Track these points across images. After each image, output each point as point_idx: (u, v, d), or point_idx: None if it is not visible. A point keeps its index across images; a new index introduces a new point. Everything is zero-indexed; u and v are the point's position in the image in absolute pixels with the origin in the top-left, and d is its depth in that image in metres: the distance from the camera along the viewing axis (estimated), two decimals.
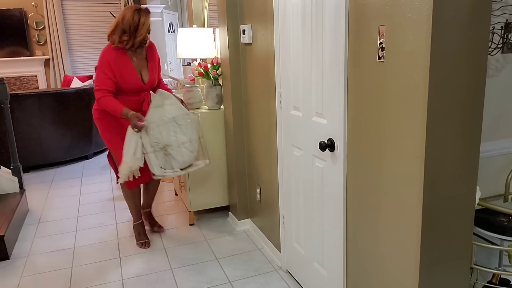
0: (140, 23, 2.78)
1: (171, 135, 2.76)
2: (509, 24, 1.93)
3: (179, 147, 2.79)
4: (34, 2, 7.54)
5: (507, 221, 1.97)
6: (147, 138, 2.73)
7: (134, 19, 2.77)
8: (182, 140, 2.79)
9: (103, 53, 2.79)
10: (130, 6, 2.84)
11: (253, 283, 2.59)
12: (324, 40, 1.92)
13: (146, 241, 3.11)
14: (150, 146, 2.73)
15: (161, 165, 2.77)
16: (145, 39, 2.83)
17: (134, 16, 2.77)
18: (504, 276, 2.01)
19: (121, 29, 2.76)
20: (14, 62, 7.52)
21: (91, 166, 5.25)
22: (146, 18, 2.80)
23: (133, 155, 2.72)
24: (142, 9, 2.82)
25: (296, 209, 2.45)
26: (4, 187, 3.77)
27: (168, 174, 2.79)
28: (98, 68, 2.77)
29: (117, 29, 2.77)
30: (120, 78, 2.80)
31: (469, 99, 1.43)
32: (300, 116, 2.25)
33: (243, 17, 2.92)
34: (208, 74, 3.32)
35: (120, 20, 2.78)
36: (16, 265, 2.92)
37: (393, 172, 1.57)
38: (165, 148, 2.76)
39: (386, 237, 1.66)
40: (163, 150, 2.76)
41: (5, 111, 3.79)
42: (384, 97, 1.57)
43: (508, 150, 2.13)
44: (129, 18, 2.76)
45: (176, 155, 2.78)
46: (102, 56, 2.78)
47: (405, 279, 1.58)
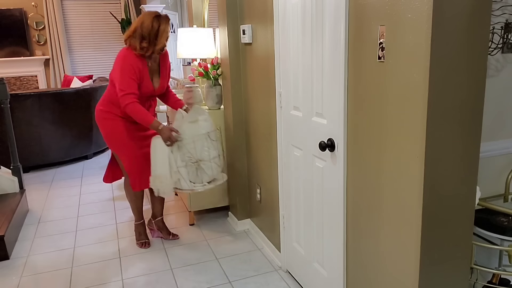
0: (160, 31, 2.72)
1: (204, 150, 2.82)
2: (509, 24, 1.93)
3: (210, 161, 2.86)
4: (34, 2, 7.54)
5: (507, 221, 1.97)
6: (178, 153, 2.75)
7: (153, 26, 2.71)
8: (213, 154, 2.87)
9: (125, 58, 2.70)
10: (149, 12, 2.78)
11: (253, 283, 2.59)
12: (324, 40, 1.92)
13: (146, 241, 3.10)
14: (181, 161, 2.76)
15: (191, 179, 2.81)
16: (163, 47, 2.79)
17: (154, 23, 2.71)
18: (504, 276, 2.01)
19: (140, 35, 2.70)
20: (14, 62, 7.51)
21: (91, 166, 5.25)
22: (166, 26, 2.74)
23: (169, 169, 2.74)
24: (162, 16, 2.76)
25: (296, 209, 2.45)
26: (4, 187, 3.77)
27: (197, 188, 2.82)
28: (121, 72, 2.67)
29: (136, 34, 2.71)
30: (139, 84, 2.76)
31: (469, 99, 1.43)
32: (300, 116, 2.25)
33: (243, 17, 2.92)
34: (208, 74, 3.32)
35: (138, 25, 2.71)
36: (16, 265, 2.92)
37: (393, 172, 1.57)
38: (198, 162, 2.81)
39: (386, 237, 1.66)
40: (196, 165, 2.81)
41: (5, 111, 3.79)
42: (384, 97, 1.57)
43: (508, 150, 2.13)
44: (148, 24, 2.70)
45: (207, 170, 2.85)
46: (124, 60, 2.69)
47: (405, 279, 1.58)
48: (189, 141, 2.76)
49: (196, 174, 2.83)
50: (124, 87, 2.66)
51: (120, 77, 2.66)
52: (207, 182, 2.88)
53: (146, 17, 2.73)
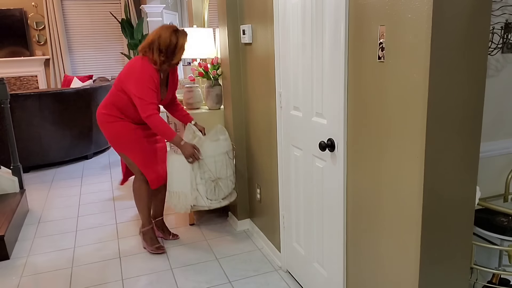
0: (178, 46, 2.71)
1: (223, 168, 2.87)
2: (509, 24, 1.93)
3: (227, 179, 2.92)
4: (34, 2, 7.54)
5: (507, 221, 1.97)
6: (198, 170, 2.77)
7: (171, 41, 2.68)
8: (229, 172, 2.94)
9: (144, 68, 2.67)
10: (166, 26, 2.75)
11: (253, 283, 2.59)
12: (324, 40, 1.92)
13: (160, 245, 3.01)
14: (200, 178, 2.79)
15: (208, 196, 2.84)
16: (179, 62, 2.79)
17: (172, 37, 2.69)
18: (504, 276, 2.01)
19: (157, 48, 2.68)
20: (14, 62, 7.52)
21: (91, 166, 5.25)
22: (184, 41, 2.73)
23: (190, 186, 2.77)
24: (180, 31, 2.74)
25: (296, 209, 2.45)
26: (4, 187, 3.77)
27: (213, 205, 2.87)
28: (141, 82, 2.64)
29: (152, 46, 2.69)
30: None
31: (469, 99, 1.43)
32: (300, 116, 2.25)
33: (243, 17, 2.92)
34: (208, 74, 3.32)
35: (156, 38, 2.69)
36: (16, 265, 2.92)
37: (393, 172, 1.57)
38: (217, 180, 2.86)
39: (386, 237, 1.66)
40: (214, 183, 2.85)
41: (5, 111, 3.79)
42: (384, 97, 1.57)
43: (508, 150, 2.13)
44: (166, 38, 2.68)
45: (224, 187, 2.91)
46: (144, 71, 2.66)
47: (405, 279, 1.58)
48: (211, 160, 2.80)
49: (214, 191, 2.87)
50: (145, 97, 2.63)
51: (140, 87, 2.64)
52: (221, 198, 2.93)
53: (164, 31, 2.70)
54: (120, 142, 2.84)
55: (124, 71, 2.75)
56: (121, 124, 2.81)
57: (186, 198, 2.79)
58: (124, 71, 2.76)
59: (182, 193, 2.79)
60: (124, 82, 2.73)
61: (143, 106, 2.64)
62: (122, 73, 2.76)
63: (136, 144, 2.84)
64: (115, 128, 2.81)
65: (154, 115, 2.65)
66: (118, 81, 2.78)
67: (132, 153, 2.85)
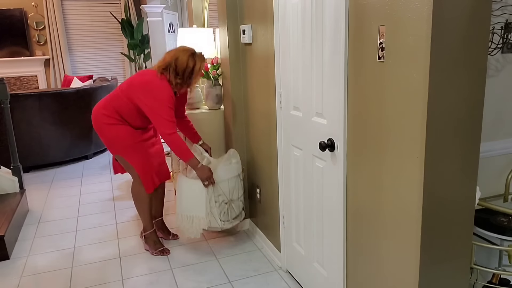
0: (195, 70, 2.72)
1: (235, 190, 2.91)
2: (509, 24, 1.93)
3: (238, 200, 2.96)
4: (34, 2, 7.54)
5: (507, 221, 1.97)
6: (212, 193, 2.80)
7: (188, 65, 2.69)
8: (240, 193, 2.98)
9: (164, 88, 2.65)
10: (184, 48, 2.74)
11: (253, 283, 2.59)
12: (324, 40, 1.92)
13: (164, 248, 3.00)
14: (214, 202, 2.82)
15: (222, 218, 2.87)
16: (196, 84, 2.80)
17: (189, 61, 2.69)
18: (504, 276, 2.01)
19: (174, 71, 2.68)
20: (14, 62, 7.52)
21: (91, 166, 5.25)
22: (202, 65, 2.74)
23: (205, 210, 2.79)
24: (198, 54, 2.74)
25: (296, 209, 2.45)
26: (4, 187, 3.77)
27: (225, 225, 2.90)
28: (161, 101, 2.62)
29: (169, 68, 2.68)
30: None
31: (469, 99, 1.43)
32: (300, 116, 2.25)
33: (243, 17, 2.92)
34: (208, 74, 3.32)
35: (172, 60, 2.68)
36: (16, 265, 2.92)
37: (393, 172, 1.57)
38: (229, 202, 2.89)
39: (386, 237, 1.66)
40: (227, 205, 2.88)
41: (5, 111, 3.79)
42: (384, 97, 1.57)
43: (508, 150, 2.13)
44: (183, 62, 2.68)
45: (236, 208, 2.94)
46: (164, 91, 2.64)
47: (405, 279, 1.58)
48: (225, 183, 2.83)
49: (227, 213, 2.90)
50: (165, 116, 2.62)
51: (160, 105, 2.62)
52: (232, 218, 2.95)
53: (182, 54, 2.70)
54: (119, 145, 2.79)
55: (139, 84, 2.68)
56: (120, 127, 2.77)
57: (200, 222, 2.80)
58: (138, 84, 2.69)
59: (196, 217, 2.80)
60: (137, 95, 2.67)
61: (164, 124, 2.62)
62: (136, 84, 2.70)
63: (136, 148, 2.81)
64: (114, 131, 2.76)
65: (175, 134, 2.64)
66: (128, 90, 2.72)
67: (131, 157, 2.82)
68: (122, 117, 2.77)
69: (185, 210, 2.82)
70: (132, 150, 2.80)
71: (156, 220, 3.18)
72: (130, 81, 2.75)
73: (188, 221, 2.82)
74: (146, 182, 2.88)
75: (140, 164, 2.83)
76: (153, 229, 3.03)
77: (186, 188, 2.80)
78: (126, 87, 2.74)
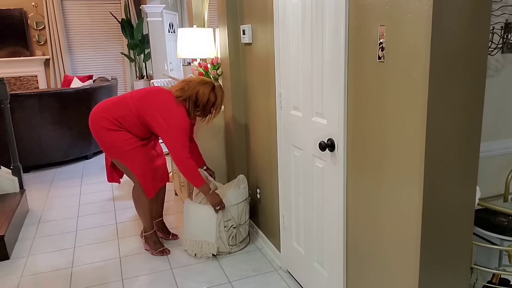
0: (216, 104, 2.76)
1: (243, 214, 2.95)
2: (509, 24, 1.93)
3: (245, 224, 3.00)
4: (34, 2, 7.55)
5: (507, 221, 1.97)
6: (222, 218, 2.83)
7: (210, 99, 2.72)
8: (247, 218, 3.01)
9: (182, 116, 2.66)
10: (203, 81, 2.75)
11: (253, 283, 2.59)
12: (324, 40, 1.92)
13: (164, 248, 2.99)
14: (224, 226, 2.85)
15: (230, 242, 2.91)
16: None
17: (211, 96, 2.72)
18: (504, 276, 2.01)
19: (194, 103, 2.71)
20: (14, 62, 7.52)
21: (91, 166, 5.25)
22: (222, 99, 2.79)
23: (218, 236, 2.83)
24: (217, 88, 2.77)
25: (296, 209, 2.45)
26: (4, 187, 3.77)
27: (233, 249, 2.95)
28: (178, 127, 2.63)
29: (189, 100, 2.70)
30: None
31: (469, 99, 1.43)
32: (300, 116, 2.25)
33: (243, 17, 2.92)
34: (208, 74, 3.32)
35: (193, 93, 2.69)
36: (16, 265, 2.92)
37: (393, 172, 1.57)
38: (238, 227, 2.93)
39: (386, 237, 1.66)
40: (236, 229, 2.92)
41: (5, 111, 3.79)
42: (384, 97, 1.57)
43: (508, 150, 2.13)
44: (204, 96, 2.70)
45: (243, 232, 2.99)
46: (182, 118, 2.65)
47: (405, 279, 1.58)
48: (234, 208, 2.87)
49: (235, 237, 2.94)
50: (181, 140, 2.63)
51: (178, 131, 2.63)
52: (239, 242, 2.99)
53: (203, 88, 2.71)
54: (118, 151, 2.74)
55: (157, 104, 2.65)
56: (120, 134, 2.72)
57: (209, 247, 2.84)
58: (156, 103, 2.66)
59: (206, 242, 2.84)
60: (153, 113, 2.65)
61: (180, 149, 2.63)
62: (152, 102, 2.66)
63: (135, 153, 2.76)
64: (113, 136, 2.71)
65: (189, 159, 2.65)
66: (141, 104, 2.68)
67: (130, 163, 2.77)
68: (122, 124, 2.72)
69: (194, 236, 2.85)
70: (131, 155, 2.75)
71: (156, 221, 3.18)
72: (144, 95, 2.70)
73: (197, 246, 2.87)
74: (147, 187, 2.85)
75: (140, 170, 2.80)
76: (153, 230, 3.03)
77: (195, 213, 2.82)
78: (138, 99, 2.70)
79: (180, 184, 3.68)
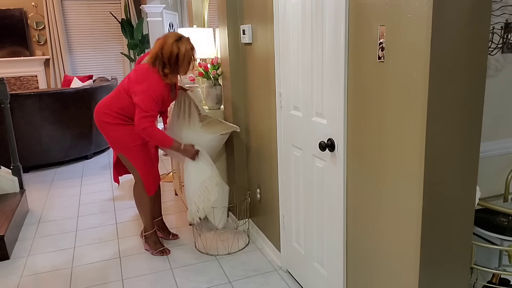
0: (180, 56, 2.61)
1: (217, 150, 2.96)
2: (509, 24, 1.93)
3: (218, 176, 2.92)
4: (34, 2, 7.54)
5: (507, 221, 1.97)
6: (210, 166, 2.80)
7: (173, 51, 2.59)
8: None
9: (153, 80, 2.60)
10: (169, 35, 2.63)
11: (253, 283, 2.59)
12: (324, 40, 1.92)
13: (164, 248, 2.99)
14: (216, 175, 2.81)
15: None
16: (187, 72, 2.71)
17: (173, 48, 2.59)
18: (504, 276, 2.01)
19: (161, 61, 2.61)
20: (14, 62, 7.51)
21: (91, 166, 5.25)
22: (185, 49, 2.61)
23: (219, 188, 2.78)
24: (183, 39, 2.64)
25: (296, 209, 2.45)
26: (4, 187, 3.77)
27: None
28: (147, 94, 2.57)
29: (157, 59, 2.62)
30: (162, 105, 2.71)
31: (469, 99, 1.43)
32: (300, 116, 2.25)
33: (243, 17, 2.92)
34: (208, 74, 3.32)
35: (159, 50, 2.61)
36: (16, 265, 2.92)
37: (393, 172, 1.57)
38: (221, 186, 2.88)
39: (386, 237, 1.66)
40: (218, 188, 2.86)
41: (5, 111, 3.79)
42: (384, 97, 1.57)
43: (508, 150, 2.13)
44: (167, 50, 2.59)
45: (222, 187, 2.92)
46: (152, 83, 2.59)
47: (405, 279, 1.58)
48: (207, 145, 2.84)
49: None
50: (147, 109, 2.57)
51: (145, 98, 2.57)
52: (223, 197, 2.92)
53: (166, 41, 2.62)
54: (123, 146, 2.77)
55: (134, 77, 2.67)
56: (124, 128, 2.74)
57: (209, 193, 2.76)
58: (133, 77, 2.67)
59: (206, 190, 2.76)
60: (131, 87, 2.66)
61: (142, 118, 2.58)
62: (132, 78, 2.68)
63: (140, 150, 2.79)
64: (118, 131, 2.74)
65: (149, 127, 2.58)
66: (126, 85, 2.71)
67: (134, 158, 2.80)
68: (125, 116, 2.75)
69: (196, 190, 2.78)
70: (136, 151, 2.79)
71: (156, 220, 3.18)
72: (128, 76, 2.74)
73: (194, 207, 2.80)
74: (148, 184, 2.87)
75: (143, 167, 2.82)
76: (154, 229, 3.03)
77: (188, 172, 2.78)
78: (127, 83, 2.73)
79: (180, 184, 3.68)
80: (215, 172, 2.80)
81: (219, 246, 3.02)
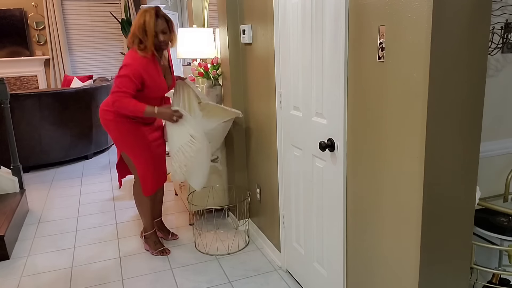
0: (146, 25, 2.56)
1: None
2: (509, 24, 1.93)
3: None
4: (34, 2, 7.54)
5: (507, 221, 1.97)
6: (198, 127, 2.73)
7: (140, 22, 2.57)
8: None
9: (136, 63, 2.58)
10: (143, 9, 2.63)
11: (253, 283, 2.59)
12: (324, 40, 1.92)
13: (164, 248, 2.98)
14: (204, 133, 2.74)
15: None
16: (161, 41, 2.62)
17: (139, 19, 2.58)
18: (504, 276, 2.01)
19: (137, 37, 2.59)
20: (14, 62, 7.51)
21: (91, 166, 5.25)
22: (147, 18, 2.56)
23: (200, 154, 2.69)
24: (149, 9, 2.60)
25: (296, 209, 2.45)
26: (4, 187, 3.77)
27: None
28: (126, 75, 2.55)
29: (133, 37, 2.61)
30: (152, 87, 2.66)
31: (469, 99, 1.43)
32: (300, 116, 2.25)
33: (243, 17, 2.92)
34: (208, 74, 3.32)
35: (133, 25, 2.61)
36: (16, 265, 2.92)
37: (393, 172, 1.57)
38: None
39: (386, 237, 1.66)
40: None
41: (5, 111, 3.79)
42: (384, 97, 1.57)
43: (508, 150, 2.13)
44: (136, 22, 2.58)
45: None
46: (134, 66, 2.57)
47: (405, 279, 1.58)
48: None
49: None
50: (119, 85, 2.55)
51: (122, 76, 2.56)
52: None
53: (137, 15, 2.63)
54: (126, 143, 2.77)
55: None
56: (127, 125, 2.73)
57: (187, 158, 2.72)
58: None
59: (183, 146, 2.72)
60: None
61: (113, 93, 2.56)
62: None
63: (143, 149, 2.78)
64: (121, 129, 2.74)
65: (117, 100, 2.55)
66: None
67: (136, 157, 2.79)
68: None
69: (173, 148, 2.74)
70: (138, 150, 2.78)
71: (156, 220, 3.18)
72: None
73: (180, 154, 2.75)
74: (145, 185, 2.86)
75: (142, 166, 2.81)
76: (154, 229, 3.03)
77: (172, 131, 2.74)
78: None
79: (180, 184, 3.68)
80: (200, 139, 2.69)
81: (219, 246, 3.03)
